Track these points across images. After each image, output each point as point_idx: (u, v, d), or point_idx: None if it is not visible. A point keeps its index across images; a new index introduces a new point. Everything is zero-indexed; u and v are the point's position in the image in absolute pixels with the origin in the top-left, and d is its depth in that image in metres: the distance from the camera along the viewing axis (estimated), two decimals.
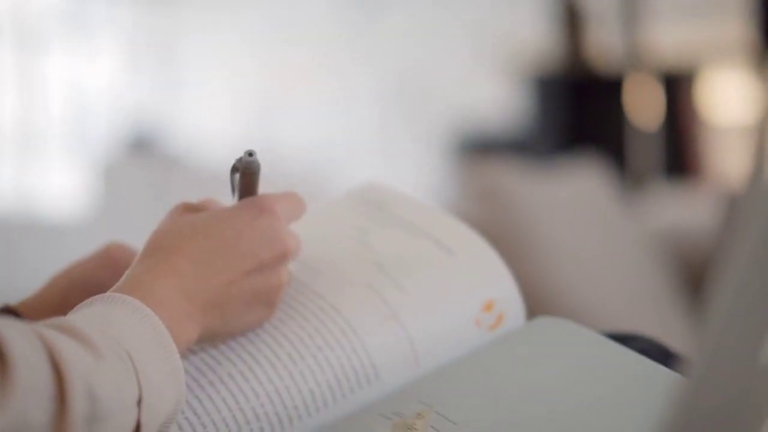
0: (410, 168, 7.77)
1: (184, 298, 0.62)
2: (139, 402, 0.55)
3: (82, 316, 0.58)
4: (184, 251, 0.64)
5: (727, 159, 4.59)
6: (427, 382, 0.70)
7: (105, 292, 0.72)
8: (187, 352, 0.68)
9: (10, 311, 0.71)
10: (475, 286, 0.75)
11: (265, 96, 8.22)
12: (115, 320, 0.58)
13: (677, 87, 4.44)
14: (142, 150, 6.17)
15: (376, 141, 8.05)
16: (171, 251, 0.64)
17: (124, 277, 0.63)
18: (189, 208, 0.68)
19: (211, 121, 8.12)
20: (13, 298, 0.74)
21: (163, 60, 7.94)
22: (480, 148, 5.94)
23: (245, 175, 0.68)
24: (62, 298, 0.72)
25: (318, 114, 8.15)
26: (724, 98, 4.62)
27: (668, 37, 4.79)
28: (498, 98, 6.89)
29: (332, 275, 0.73)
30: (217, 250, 0.64)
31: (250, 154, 0.68)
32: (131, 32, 7.61)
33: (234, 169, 0.69)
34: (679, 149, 4.38)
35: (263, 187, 0.70)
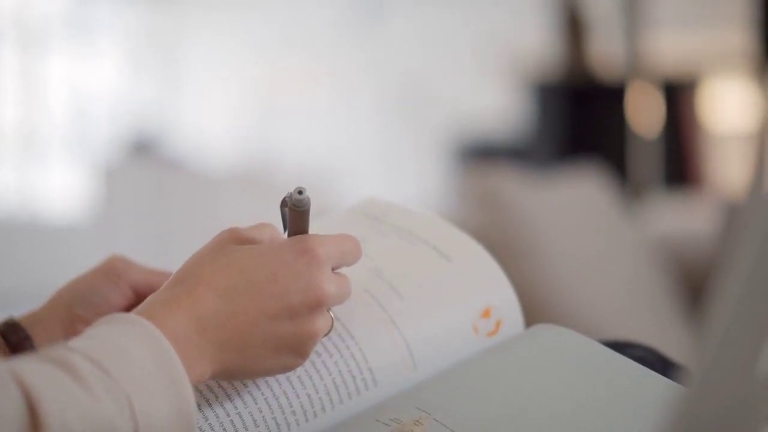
0: (411, 173, 7.78)
1: (198, 333, 0.60)
2: None
3: (95, 342, 0.57)
4: (211, 283, 0.62)
5: (727, 167, 4.59)
6: (426, 388, 0.71)
7: (108, 304, 0.72)
8: None
9: (14, 325, 0.71)
10: (473, 293, 0.75)
11: (267, 100, 8.22)
12: (128, 351, 0.56)
13: (678, 95, 4.45)
14: (143, 153, 6.18)
15: (378, 146, 8.06)
16: (198, 281, 0.62)
17: (145, 302, 0.62)
18: (235, 238, 0.66)
19: (213, 125, 8.13)
20: (15, 299, 0.74)
21: (165, 63, 7.95)
22: (481, 155, 5.94)
23: (293, 212, 0.65)
24: (66, 310, 0.72)
25: (320, 118, 8.16)
26: (725, 107, 4.63)
27: (669, 46, 4.80)
28: (499, 105, 6.90)
29: None
30: (245, 288, 0.62)
31: (300, 192, 0.65)
32: (133, 36, 7.63)
33: (283, 203, 0.66)
34: (679, 157, 4.39)
35: (261, 192, 0.69)
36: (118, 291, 0.73)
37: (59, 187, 6.67)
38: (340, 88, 8.10)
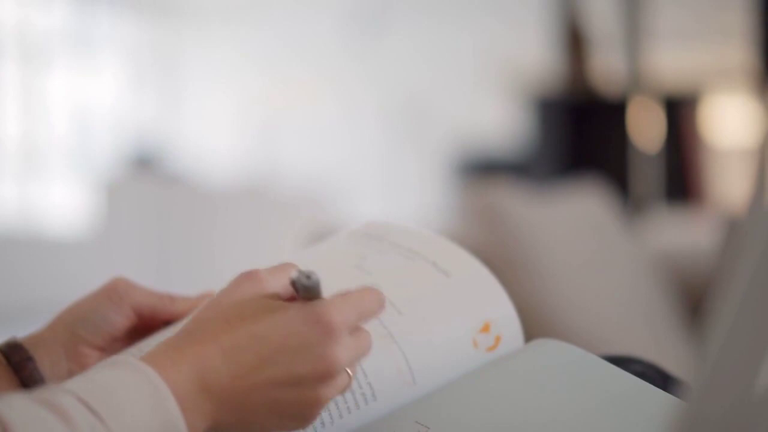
0: (413, 188, 7.78)
1: (198, 390, 0.59)
2: None
3: (92, 386, 0.56)
4: (219, 340, 0.61)
5: (728, 182, 4.60)
6: (425, 403, 0.71)
7: (110, 326, 0.72)
8: None
9: (16, 345, 0.71)
10: (472, 308, 0.75)
11: (268, 115, 8.23)
12: (125, 398, 0.56)
13: (679, 110, 4.46)
14: (144, 167, 6.19)
15: (379, 161, 8.06)
16: (206, 336, 0.61)
17: (153, 349, 0.61)
18: (255, 286, 0.64)
19: (214, 140, 8.14)
20: (17, 314, 0.74)
21: (167, 78, 7.97)
22: (482, 170, 5.94)
23: (305, 291, 0.64)
24: (69, 332, 0.72)
25: (320, 133, 8.17)
26: (726, 122, 4.64)
27: (671, 62, 4.81)
28: (501, 120, 6.91)
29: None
30: (252, 351, 0.61)
31: (309, 276, 0.63)
32: (134, 51, 7.64)
33: (293, 283, 0.64)
34: (680, 172, 4.39)
35: (262, 207, 0.69)
36: (121, 313, 0.73)
37: (61, 202, 6.68)
38: (340, 103, 8.11)
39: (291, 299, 0.64)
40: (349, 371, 0.65)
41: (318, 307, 0.63)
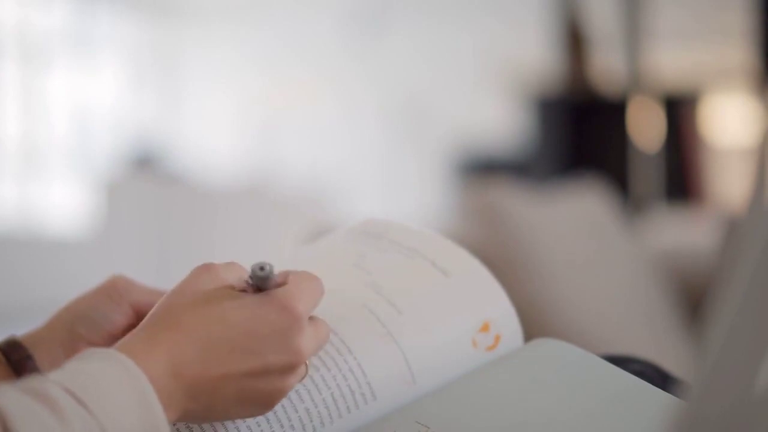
0: (413, 187, 7.78)
1: (172, 379, 0.60)
2: None
3: (73, 375, 0.57)
4: (191, 331, 0.61)
5: (728, 181, 4.60)
6: (425, 402, 0.71)
7: (109, 324, 0.72)
8: None
9: (15, 343, 0.71)
10: (471, 307, 0.76)
11: (268, 115, 8.23)
12: (106, 385, 0.57)
13: (679, 110, 4.46)
14: (144, 167, 6.19)
15: (379, 161, 8.07)
16: (178, 326, 0.61)
17: (124, 339, 0.62)
18: (213, 278, 0.64)
19: (214, 140, 8.14)
20: (17, 314, 0.74)
21: (167, 78, 7.97)
22: (482, 169, 5.95)
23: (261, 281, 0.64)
24: (68, 330, 0.72)
25: (320, 132, 8.17)
26: (725, 121, 4.64)
27: (670, 61, 4.81)
28: (501, 120, 6.91)
29: (328, 296, 0.73)
30: (224, 341, 0.61)
31: (262, 268, 0.63)
32: (135, 50, 7.64)
33: (249, 284, 0.65)
34: (680, 172, 4.39)
35: (262, 207, 0.69)
36: (120, 310, 0.73)
37: (61, 202, 6.68)
38: (340, 103, 8.11)
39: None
40: (306, 362, 0.65)
41: (280, 294, 0.63)
